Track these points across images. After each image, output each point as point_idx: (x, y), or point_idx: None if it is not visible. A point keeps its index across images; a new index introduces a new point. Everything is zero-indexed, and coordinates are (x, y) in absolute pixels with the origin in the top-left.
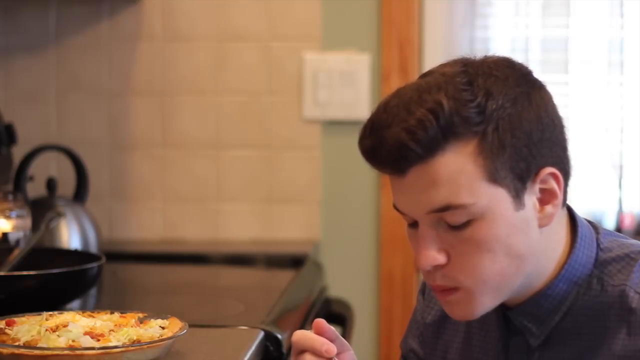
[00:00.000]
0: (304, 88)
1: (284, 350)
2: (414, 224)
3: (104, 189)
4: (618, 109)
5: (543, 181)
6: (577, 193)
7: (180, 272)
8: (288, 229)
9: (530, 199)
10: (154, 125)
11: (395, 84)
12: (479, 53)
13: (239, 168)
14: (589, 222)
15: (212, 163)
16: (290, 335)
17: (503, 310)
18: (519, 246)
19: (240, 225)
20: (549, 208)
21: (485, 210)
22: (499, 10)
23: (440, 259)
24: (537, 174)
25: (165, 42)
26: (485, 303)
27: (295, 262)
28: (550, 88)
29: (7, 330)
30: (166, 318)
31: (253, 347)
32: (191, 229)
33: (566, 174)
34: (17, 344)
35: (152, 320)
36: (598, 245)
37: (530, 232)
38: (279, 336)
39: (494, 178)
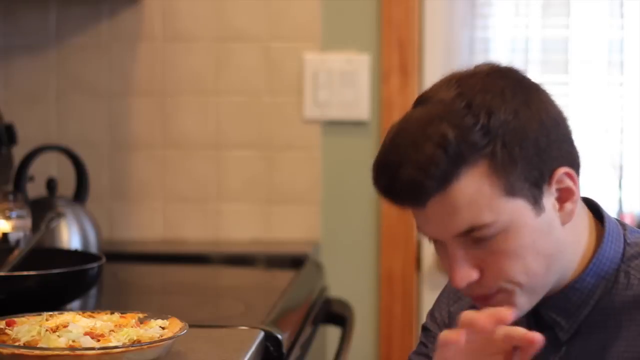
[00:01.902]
0: (304, 88)
1: (284, 350)
2: (439, 242)
3: (104, 189)
4: (618, 109)
5: (559, 181)
6: None
7: (181, 272)
8: (288, 229)
9: (549, 200)
10: (154, 125)
11: (395, 84)
12: (478, 53)
13: (239, 168)
14: (616, 219)
15: (212, 163)
16: (290, 335)
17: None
18: (546, 247)
19: (241, 226)
20: (568, 205)
21: (509, 224)
22: (499, 10)
23: (474, 275)
24: (551, 176)
25: (165, 42)
26: (523, 304)
27: (295, 262)
28: (550, 88)
29: (7, 331)
30: (166, 318)
31: (253, 347)
32: (191, 229)
33: (577, 167)
34: (17, 344)
35: (152, 320)
36: (625, 240)
37: (554, 231)
38: (279, 336)
39: (511, 192)
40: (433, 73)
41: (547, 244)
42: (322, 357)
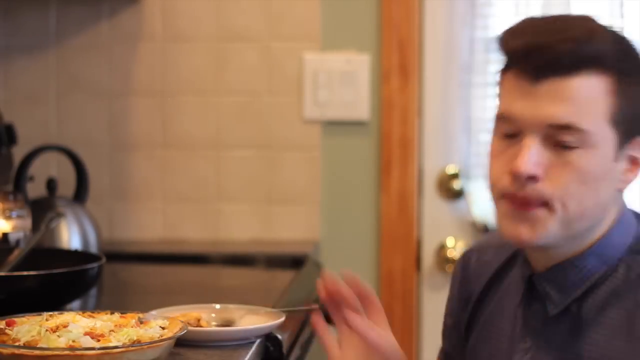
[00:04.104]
0: (304, 88)
1: (284, 350)
2: (512, 136)
3: (104, 189)
4: None
5: (634, 148)
6: None
7: (180, 272)
8: (288, 229)
9: (622, 159)
10: (154, 125)
11: (395, 84)
12: (478, 53)
13: (239, 168)
14: (636, 213)
15: (212, 163)
16: (290, 335)
17: (529, 275)
18: (603, 193)
19: (241, 226)
20: (630, 175)
21: (595, 145)
22: (499, 10)
23: (537, 170)
24: (634, 139)
25: (165, 42)
26: (553, 232)
27: (295, 262)
28: None
29: (7, 331)
30: (166, 318)
31: (253, 347)
32: (191, 229)
33: None
34: (17, 344)
35: (152, 320)
36: (637, 235)
37: (612, 187)
38: (279, 336)
39: (614, 122)
40: (433, 73)
41: (605, 191)
42: (322, 357)
